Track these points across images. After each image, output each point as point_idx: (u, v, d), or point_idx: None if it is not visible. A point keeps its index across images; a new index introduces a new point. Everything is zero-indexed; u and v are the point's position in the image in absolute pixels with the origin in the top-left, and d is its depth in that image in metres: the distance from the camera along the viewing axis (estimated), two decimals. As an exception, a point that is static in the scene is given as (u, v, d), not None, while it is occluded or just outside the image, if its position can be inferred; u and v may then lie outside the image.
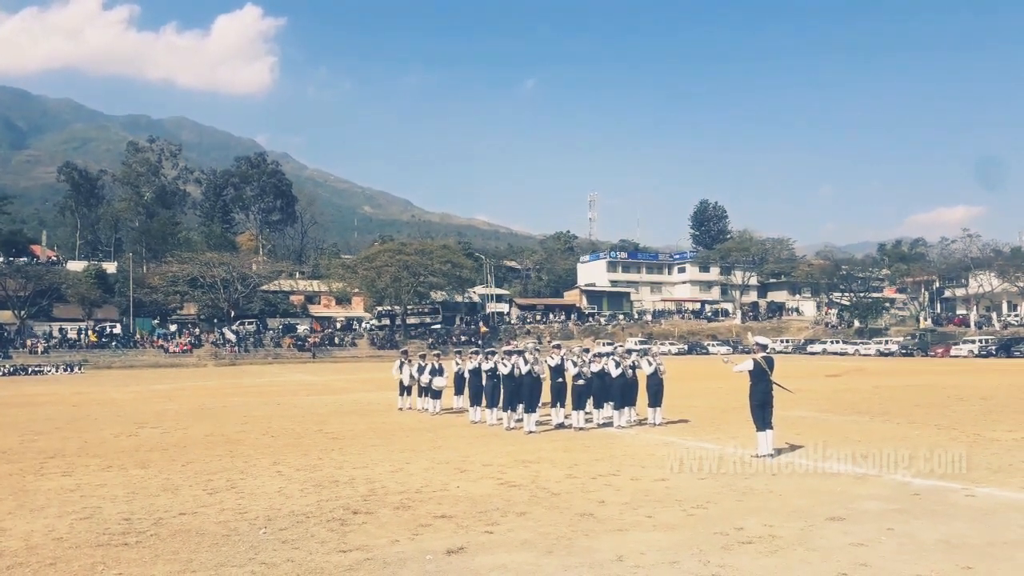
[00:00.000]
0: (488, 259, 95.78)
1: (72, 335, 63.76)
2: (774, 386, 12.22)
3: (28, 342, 59.86)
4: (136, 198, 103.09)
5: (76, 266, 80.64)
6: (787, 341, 73.99)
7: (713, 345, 72.64)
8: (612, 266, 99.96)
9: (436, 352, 21.86)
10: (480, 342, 62.04)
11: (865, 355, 62.08)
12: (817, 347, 69.11)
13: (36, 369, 50.75)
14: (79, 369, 52.42)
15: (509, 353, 16.88)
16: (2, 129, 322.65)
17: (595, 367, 16.43)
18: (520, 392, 15.92)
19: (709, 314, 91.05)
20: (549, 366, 16.39)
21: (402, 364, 21.44)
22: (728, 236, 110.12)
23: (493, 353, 17.73)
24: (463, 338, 70.05)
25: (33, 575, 6.48)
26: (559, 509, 8.59)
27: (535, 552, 6.87)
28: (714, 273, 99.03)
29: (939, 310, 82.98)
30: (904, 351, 61.62)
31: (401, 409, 20.96)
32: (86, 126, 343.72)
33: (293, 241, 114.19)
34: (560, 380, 16.34)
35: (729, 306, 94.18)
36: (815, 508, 8.41)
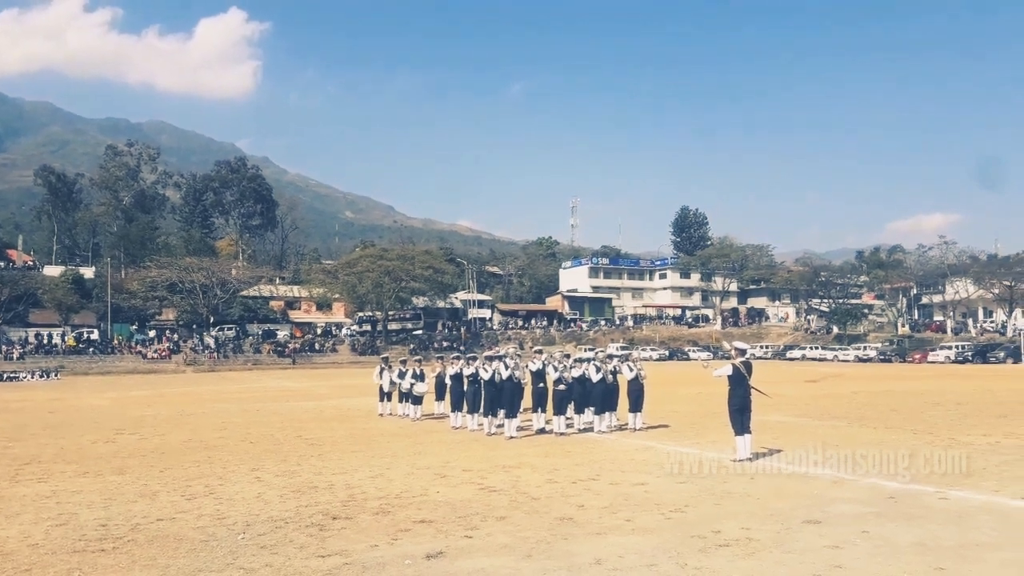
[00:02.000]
0: (470, 265, 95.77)
1: (54, 340, 62.97)
2: (752, 391, 12.35)
3: (3, 348, 59.06)
4: (114, 202, 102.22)
5: (53, 271, 79.68)
6: (766, 347, 74.41)
7: (694, 351, 72.89)
8: (594, 272, 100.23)
9: (417, 358, 21.82)
10: (462, 348, 61.98)
11: (844, 361, 62.58)
12: (796, 353, 69.55)
13: (11, 375, 49.99)
14: (55, 375, 51.79)
15: (490, 359, 16.88)
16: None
17: (576, 372, 16.51)
18: (501, 397, 15.94)
19: (690, 320, 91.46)
20: (530, 371, 16.43)
21: (383, 370, 21.40)
22: (708, 242, 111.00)
23: (474, 358, 17.75)
24: (445, 344, 69.91)
25: (7, 582, 6.43)
26: (539, 513, 8.61)
27: (514, 556, 6.90)
28: (695, 279, 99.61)
29: (916, 316, 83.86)
30: (882, 357, 62.20)
31: (382, 415, 20.90)
32: (63, 129, 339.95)
33: (273, 246, 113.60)
34: (541, 385, 16.35)
35: (710, 312, 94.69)
36: (792, 511, 8.49)
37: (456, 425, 17.73)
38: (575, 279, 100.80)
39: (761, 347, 74.60)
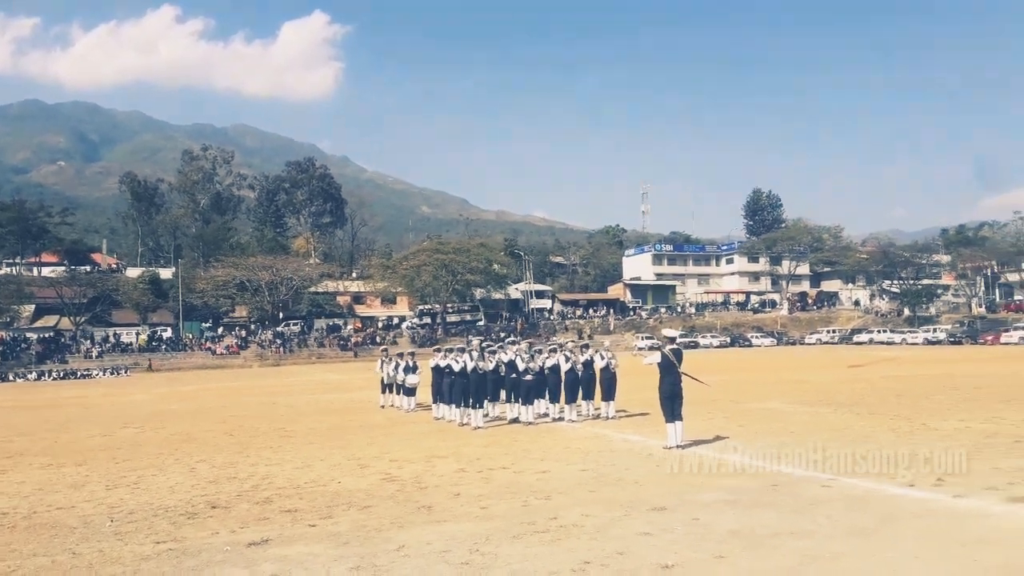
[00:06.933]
0: (528, 256, 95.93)
1: (125, 339, 66.32)
2: (683, 378, 12.27)
3: (83, 347, 62.55)
4: (192, 205, 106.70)
5: (133, 273, 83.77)
6: (833, 331, 72.23)
7: (756, 337, 71.30)
8: (657, 259, 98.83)
9: (411, 351, 22.19)
10: (517, 338, 62.20)
11: (912, 344, 60.20)
12: (864, 336, 67.21)
13: (85, 373, 53.08)
14: (125, 372, 54.61)
15: (461, 350, 17.12)
16: (76, 142, 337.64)
17: (550, 362, 16.64)
18: (468, 388, 16.17)
19: (756, 305, 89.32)
20: (502, 362, 16.60)
21: (383, 362, 21.88)
22: (783, 225, 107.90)
23: (451, 350, 17.99)
24: (502, 334, 70.37)
25: None
26: (409, 502, 8.82)
27: (331, 544, 7.12)
28: (763, 263, 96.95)
29: (997, 296, 79.77)
30: (952, 339, 59.56)
31: (383, 407, 21.38)
32: (154, 136, 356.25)
33: (344, 243, 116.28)
34: (514, 376, 16.53)
35: (777, 297, 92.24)
36: (654, 499, 8.42)
37: (438, 416, 18.04)
38: (638, 267, 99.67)
39: (828, 331, 72.57)
